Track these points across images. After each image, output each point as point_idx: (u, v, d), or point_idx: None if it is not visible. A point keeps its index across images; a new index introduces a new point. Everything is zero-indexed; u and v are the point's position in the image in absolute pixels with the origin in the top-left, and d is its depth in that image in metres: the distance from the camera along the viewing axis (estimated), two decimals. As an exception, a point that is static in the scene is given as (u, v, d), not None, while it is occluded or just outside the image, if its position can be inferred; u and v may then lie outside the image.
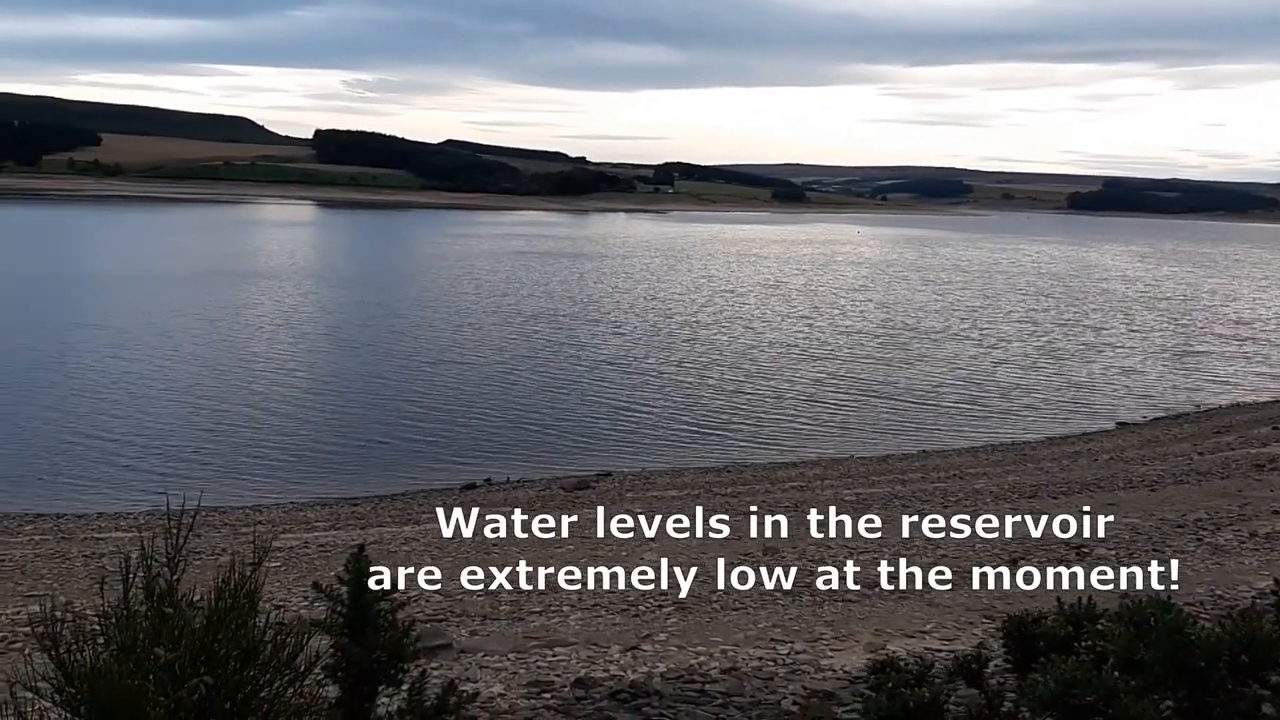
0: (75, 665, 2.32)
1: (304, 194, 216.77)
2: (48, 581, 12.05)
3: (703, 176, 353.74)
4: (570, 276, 65.94)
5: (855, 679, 7.43)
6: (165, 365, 31.21)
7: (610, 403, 28.27)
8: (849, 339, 41.66)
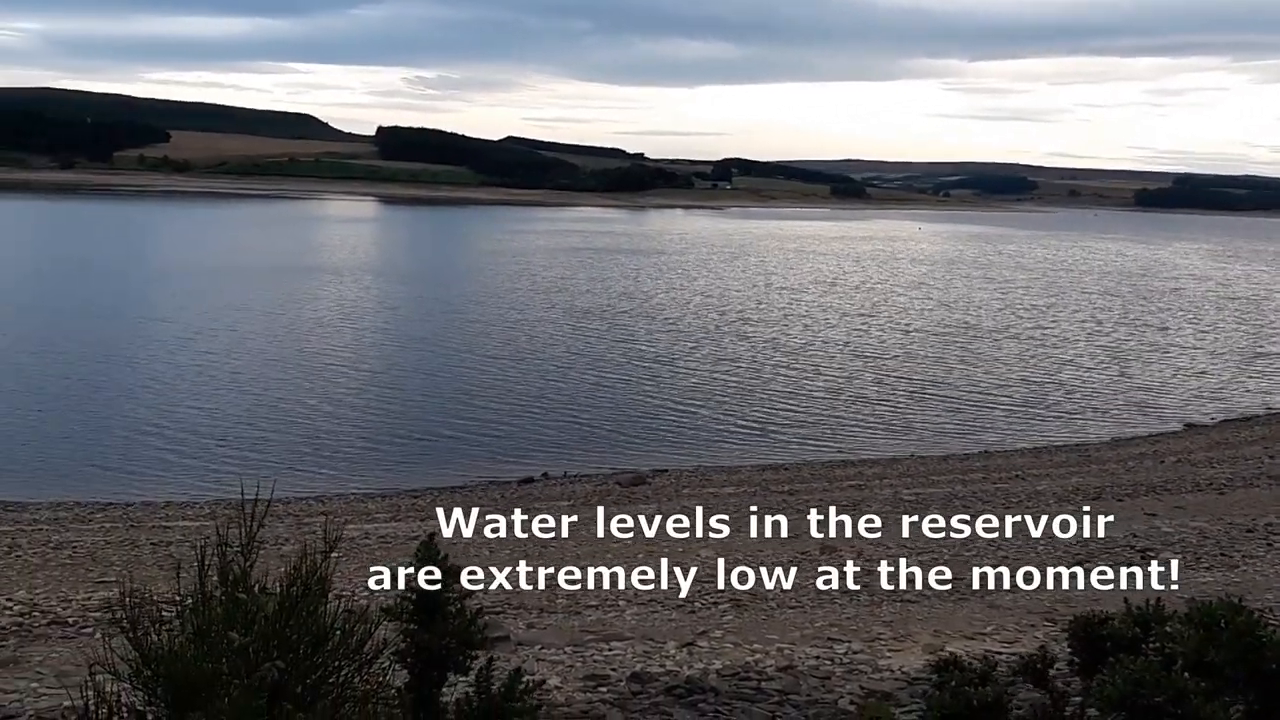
0: (152, 647, 2.39)
1: (366, 190, 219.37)
2: (117, 568, 12.35)
3: (761, 172, 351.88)
4: (626, 273, 66.03)
5: (914, 680, 7.37)
6: (229, 359, 31.80)
7: (666, 399, 28.28)
8: (908, 337, 41.24)
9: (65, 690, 7.09)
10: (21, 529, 15.08)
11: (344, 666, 2.43)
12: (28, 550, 13.36)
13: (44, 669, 7.94)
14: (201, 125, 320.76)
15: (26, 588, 11.15)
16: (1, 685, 7.43)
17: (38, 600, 10.52)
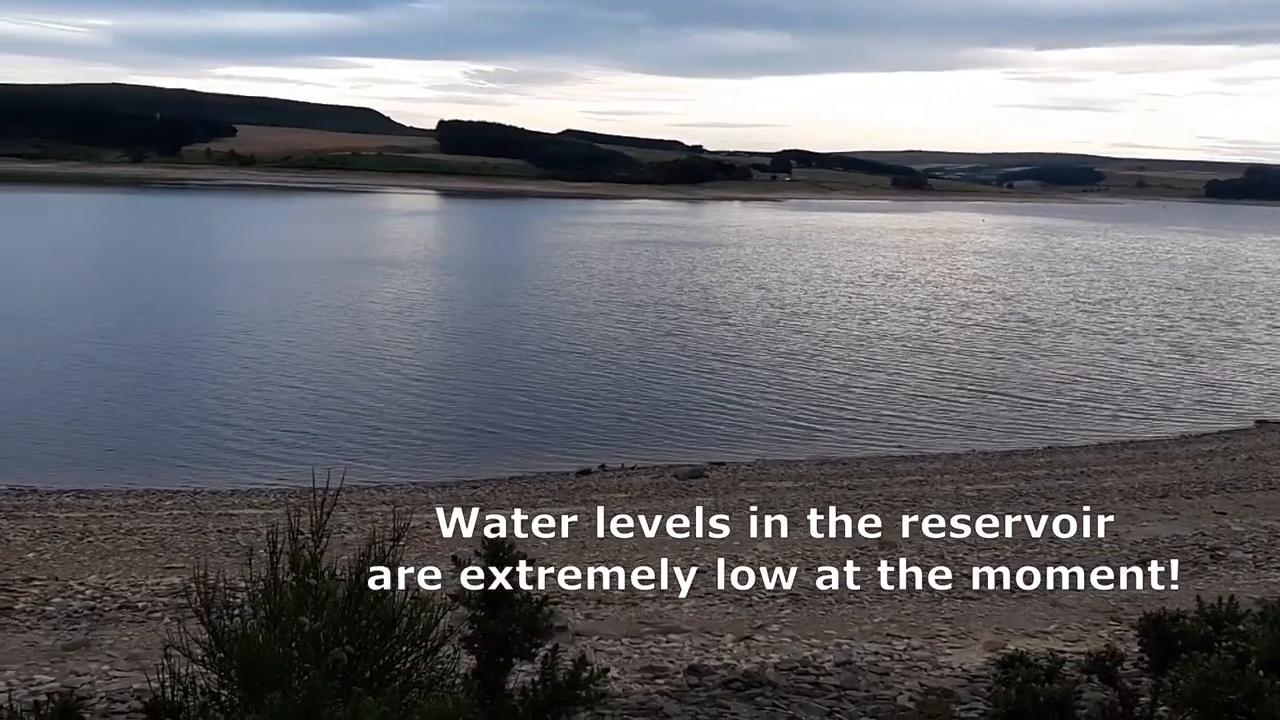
0: (225, 631, 2.45)
1: (427, 184, 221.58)
2: (186, 554, 12.61)
3: (820, 164, 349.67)
4: (682, 265, 65.94)
5: (974, 677, 7.29)
6: (293, 351, 32.32)
7: (723, 392, 28.22)
8: (969, 331, 40.72)
9: (135, 673, 7.28)
10: (94, 515, 15.46)
11: (410, 652, 2.47)
12: (99, 536, 13.69)
13: (114, 652, 8.15)
14: (267, 120, 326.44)
15: (98, 572, 11.43)
16: (74, 667, 7.63)
17: (109, 585, 10.78)
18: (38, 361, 28.93)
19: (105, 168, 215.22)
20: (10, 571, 11.31)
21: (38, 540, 13.23)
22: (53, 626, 9.23)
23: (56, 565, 11.84)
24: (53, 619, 9.50)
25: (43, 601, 9.99)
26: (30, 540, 13.21)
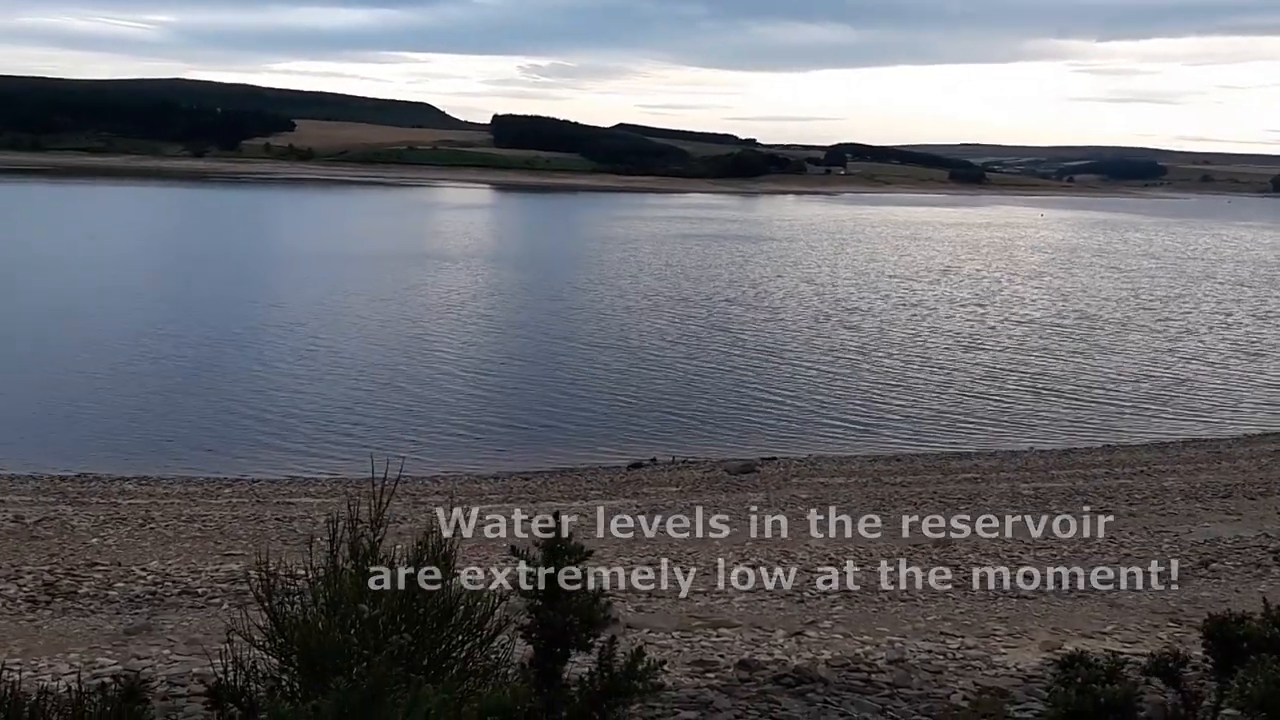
0: (286, 617, 2.48)
1: (481, 177, 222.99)
2: (244, 542, 12.82)
3: (876, 157, 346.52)
4: (733, 260, 65.73)
5: (1029, 677, 7.20)
6: (347, 343, 32.73)
7: (774, 388, 28.10)
8: (1025, 328, 40.13)
9: (195, 657, 7.42)
10: (155, 502, 15.77)
11: (466, 641, 2.50)
12: (160, 523, 13.97)
13: (175, 636, 8.31)
14: (325, 114, 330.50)
15: (159, 558, 11.67)
16: (136, 651, 7.80)
17: (169, 570, 10.99)
18: (102, 353, 29.57)
19: (167, 161, 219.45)
20: (75, 556, 11.59)
21: (101, 526, 13.53)
22: (115, 611, 9.44)
23: (119, 551, 12.10)
24: (115, 603, 9.72)
25: (106, 586, 10.22)
26: (94, 526, 13.51)
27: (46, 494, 16.32)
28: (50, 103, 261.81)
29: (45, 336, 31.71)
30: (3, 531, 12.93)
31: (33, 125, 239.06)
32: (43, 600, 9.60)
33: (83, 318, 34.80)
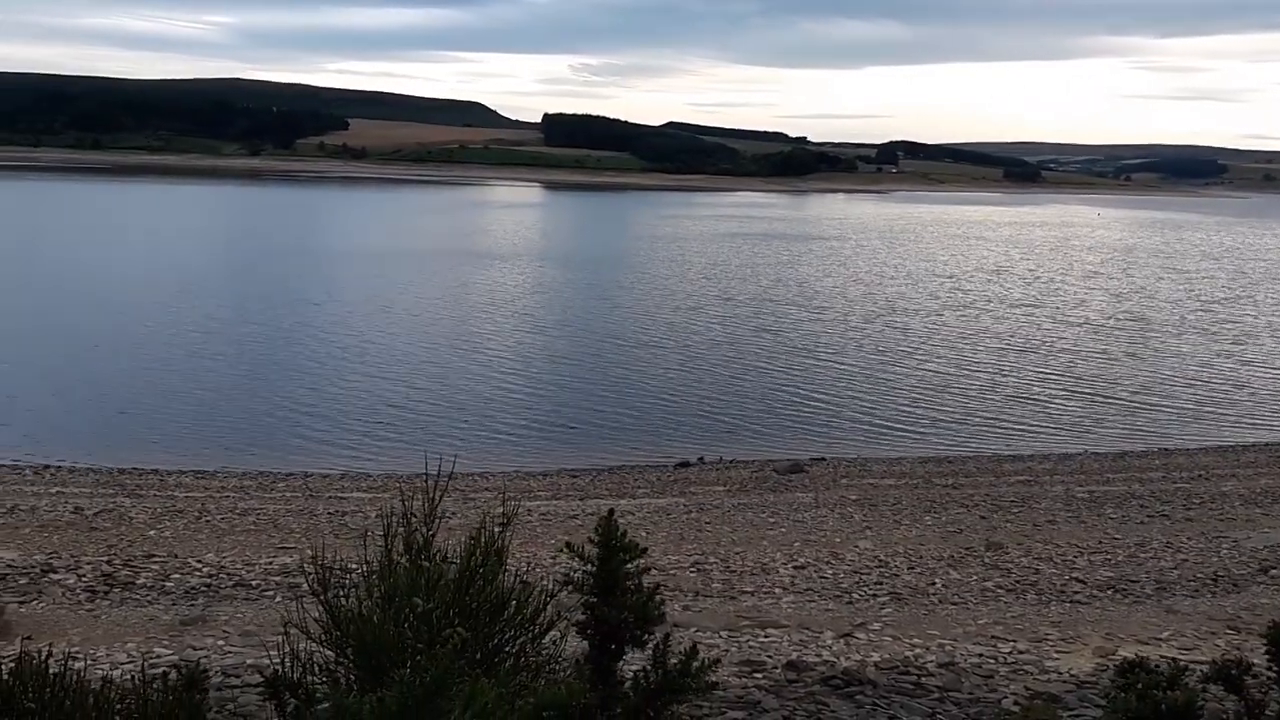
0: (342, 610, 2.51)
1: (531, 176, 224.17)
2: (297, 535, 13.00)
3: (929, 155, 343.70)
4: (781, 259, 65.43)
5: (1083, 683, 7.11)
6: (397, 340, 33.04)
7: (823, 388, 27.93)
8: (1079, 329, 39.51)
9: (249, 649, 7.54)
10: (211, 495, 16.03)
11: (519, 636, 2.51)
12: (216, 516, 14.19)
13: (229, 628, 8.44)
14: (378, 114, 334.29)
15: (215, 551, 11.86)
16: (191, 642, 7.93)
17: (224, 563, 11.17)
18: (160, 349, 30.12)
19: (223, 160, 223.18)
20: (132, 548, 11.81)
21: (158, 519, 13.77)
22: (171, 602, 9.61)
23: (175, 543, 12.31)
24: (171, 594, 9.89)
25: (162, 577, 10.41)
26: (151, 518, 13.76)
27: (105, 486, 16.65)
28: (111, 102, 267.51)
29: (105, 332, 32.37)
30: (63, 523, 13.21)
31: (94, 124, 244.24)
32: (101, 590, 9.80)
33: (142, 314, 35.47)
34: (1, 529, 12.70)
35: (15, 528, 12.81)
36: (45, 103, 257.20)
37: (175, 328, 33.20)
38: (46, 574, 10.22)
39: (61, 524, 13.14)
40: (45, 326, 33.03)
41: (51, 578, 10.11)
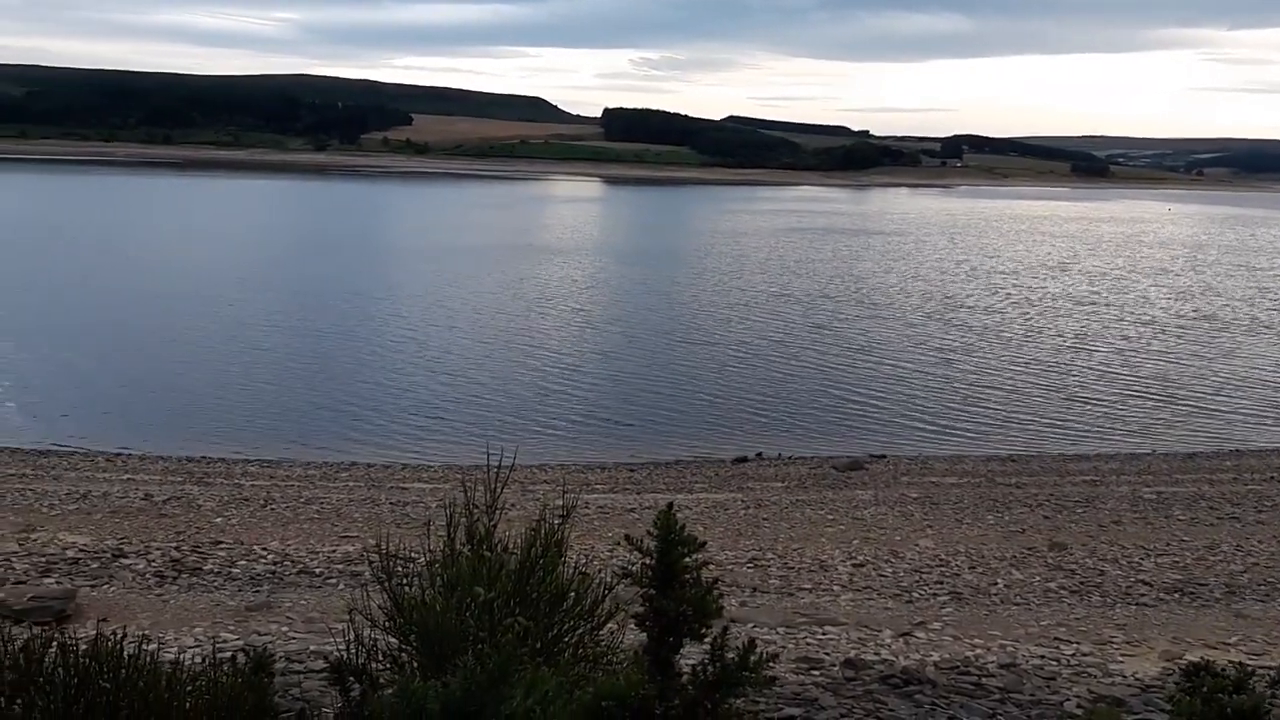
0: (406, 598, 2.55)
1: (591, 171, 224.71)
2: (359, 524, 13.18)
3: (994, 149, 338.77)
4: (840, 254, 64.88)
5: (1148, 687, 6.98)
6: (458, 334, 33.34)
7: (883, 385, 27.66)
8: (1145, 328, 38.65)
9: (312, 635, 7.67)
10: (276, 484, 16.31)
11: (578, 626, 2.53)
12: (280, 504, 14.44)
13: (293, 614, 8.59)
14: (440, 109, 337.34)
15: (279, 539, 12.07)
16: (256, 627, 8.09)
17: (289, 551, 11.37)
18: (227, 340, 30.73)
19: (290, 155, 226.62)
20: (200, 534, 12.07)
21: (225, 506, 14.05)
22: (237, 588, 9.80)
23: (241, 530, 12.56)
24: (237, 580, 10.09)
25: (229, 564, 10.63)
26: (218, 506, 14.04)
27: (174, 474, 17.03)
28: (182, 98, 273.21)
29: (175, 325, 33.05)
30: (133, 509, 13.54)
31: (165, 119, 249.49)
32: (170, 575, 10.03)
33: (210, 307, 36.20)
34: (74, 514, 13.05)
35: (88, 513, 13.15)
36: (118, 98, 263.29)
37: (242, 320, 33.83)
38: (117, 559, 10.48)
39: (132, 510, 13.47)
40: (117, 319, 33.86)
41: (122, 562, 10.36)
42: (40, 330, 31.10)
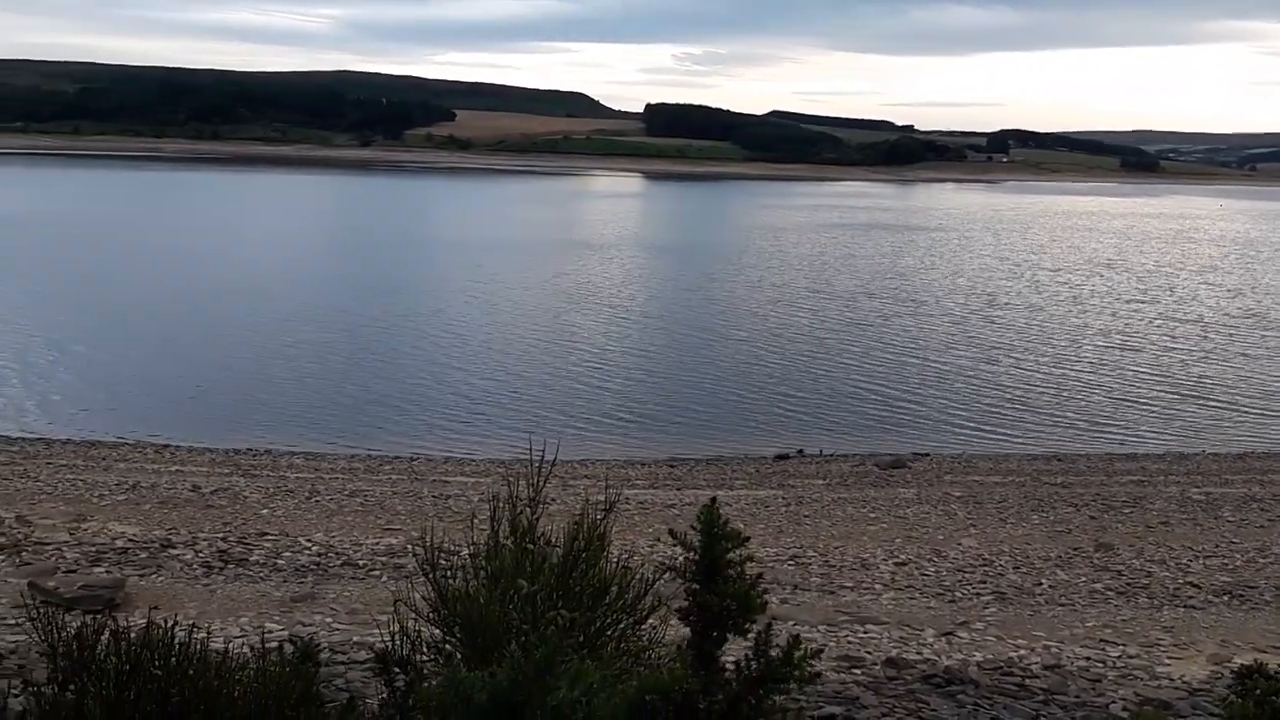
0: (450, 589, 2.57)
1: (633, 166, 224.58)
2: (402, 517, 13.30)
3: (1041, 144, 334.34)
4: (883, 250, 64.39)
5: (1195, 690, 6.88)
6: (498, 329, 33.51)
7: (926, 382, 27.44)
8: (1193, 327, 37.98)
9: (355, 626, 7.74)
10: (320, 477, 16.50)
11: (621, 620, 2.54)
12: (325, 497, 14.61)
13: (337, 605, 8.68)
14: (483, 104, 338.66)
15: (324, 530, 12.21)
16: (301, 618, 8.18)
17: (333, 542, 11.49)
18: (272, 334, 31.10)
19: (335, 150, 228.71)
20: (246, 526, 12.24)
21: (271, 498, 14.23)
22: (283, 579, 9.92)
23: (287, 522, 12.71)
24: (283, 571, 10.22)
25: (274, 555, 10.76)
26: (264, 498, 14.23)
27: (221, 466, 17.27)
28: (229, 94, 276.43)
29: (222, 319, 33.50)
30: (181, 500, 13.75)
31: (213, 116, 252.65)
32: (216, 566, 10.17)
33: (257, 301, 36.66)
34: (124, 505, 13.27)
35: (137, 504, 13.37)
36: (168, 95, 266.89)
37: (287, 315, 34.20)
38: (165, 549, 10.64)
39: (180, 501, 13.68)
40: (166, 314, 34.35)
41: (170, 553, 10.52)
42: (92, 324, 31.67)
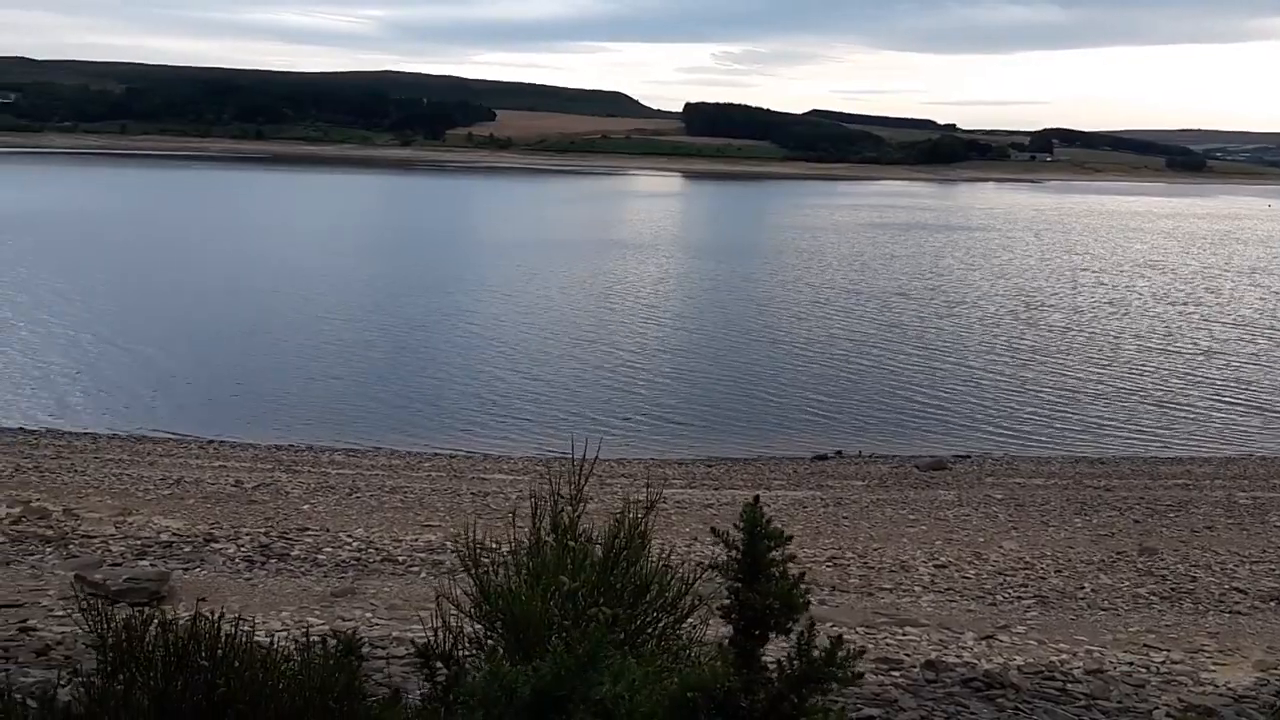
0: (492, 585, 2.59)
1: (672, 165, 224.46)
2: (441, 514, 13.39)
3: (1086, 144, 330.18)
4: (923, 250, 63.87)
5: (1241, 697, 6.77)
6: (536, 329, 33.60)
7: (967, 384, 27.20)
8: (1240, 330, 37.36)
9: (394, 622, 7.80)
10: (361, 474, 16.65)
11: (662, 618, 2.55)
12: (365, 493, 14.74)
13: (376, 601, 8.76)
14: (523, 104, 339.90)
15: (364, 526, 12.32)
16: (341, 613, 8.26)
17: (373, 538, 11.60)
18: (314, 332, 31.42)
19: (377, 150, 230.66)
20: (287, 521, 12.38)
21: (312, 494, 14.39)
22: (323, 574, 10.03)
23: (327, 517, 12.84)
24: (323, 566, 10.33)
25: (315, 550, 10.88)
26: (306, 493, 14.38)
27: (264, 461, 17.48)
28: (273, 94, 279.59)
29: (264, 317, 33.88)
30: (224, 495, 13.93)
31: (257, 115, 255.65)
32: (259, 560, 10.30)
33: (298, 300, 37.06)
34: (168, 499, 13.47)
35: (181, 498, 13.57)
36: (212, 95, 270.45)
37: (329, 313, 34.54)
38: (208, 543, 10.79)
39: (223, 496, 13.86)
40: (213, 311, 34.81)
41: (213, 547, 10.67)
42: (139, 321, 32.14)
